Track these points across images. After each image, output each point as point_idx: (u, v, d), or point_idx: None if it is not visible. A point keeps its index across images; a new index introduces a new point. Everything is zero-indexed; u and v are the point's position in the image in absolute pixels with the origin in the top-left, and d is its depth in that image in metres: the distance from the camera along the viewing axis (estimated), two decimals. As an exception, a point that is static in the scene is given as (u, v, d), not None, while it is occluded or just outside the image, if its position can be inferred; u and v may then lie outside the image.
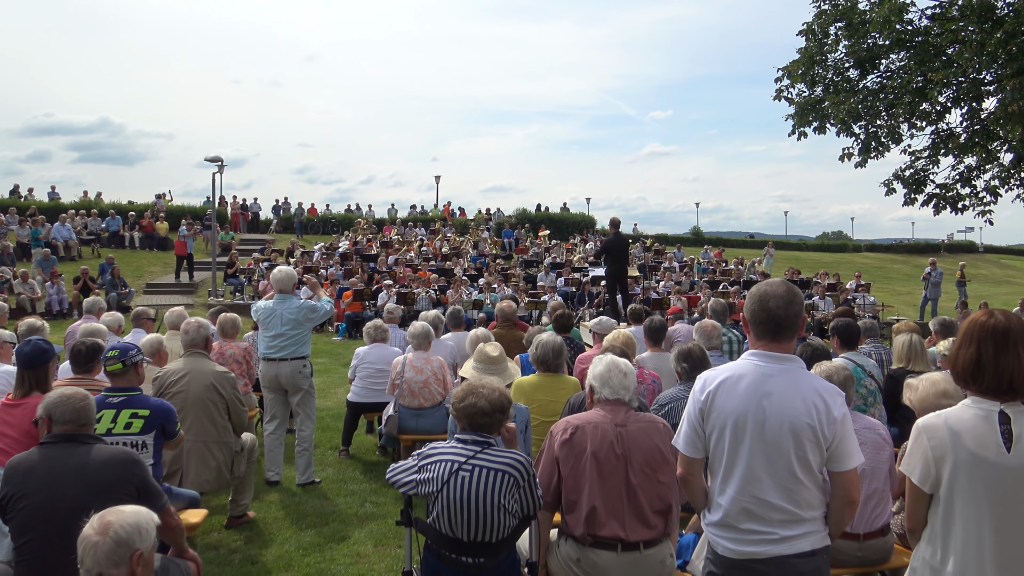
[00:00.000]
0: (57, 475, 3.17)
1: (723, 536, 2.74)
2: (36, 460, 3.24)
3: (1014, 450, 2.40)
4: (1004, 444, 2.41)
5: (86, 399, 3.40)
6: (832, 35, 13.75)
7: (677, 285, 21.92)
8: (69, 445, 3.28)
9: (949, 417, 2.52)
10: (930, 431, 2.53)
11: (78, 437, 3.31)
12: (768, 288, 2.77)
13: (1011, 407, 2.46)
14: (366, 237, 27.54)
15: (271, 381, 6.62)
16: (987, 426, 2.45)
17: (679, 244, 33.53)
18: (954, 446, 2.46)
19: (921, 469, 2.54)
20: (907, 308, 23.77)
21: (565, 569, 3.48)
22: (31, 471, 3.20)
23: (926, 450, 2.52)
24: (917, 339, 6.04)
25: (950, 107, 13.16)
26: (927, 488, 2.54)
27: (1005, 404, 2.46)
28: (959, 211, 13.53)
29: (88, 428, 3.38)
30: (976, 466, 2.43)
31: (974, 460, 2.44)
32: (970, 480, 2.44)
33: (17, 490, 3.17)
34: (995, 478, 2.42)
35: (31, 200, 28.32)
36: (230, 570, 4.90)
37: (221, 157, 21.42)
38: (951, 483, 2.48)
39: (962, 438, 2.46)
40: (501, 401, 3.36)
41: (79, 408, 3.34)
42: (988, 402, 2.49)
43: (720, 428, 2.72)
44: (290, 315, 6.52)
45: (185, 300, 19.65)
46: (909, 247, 51.29)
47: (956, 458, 2.46)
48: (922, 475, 2.54)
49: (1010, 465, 2.40)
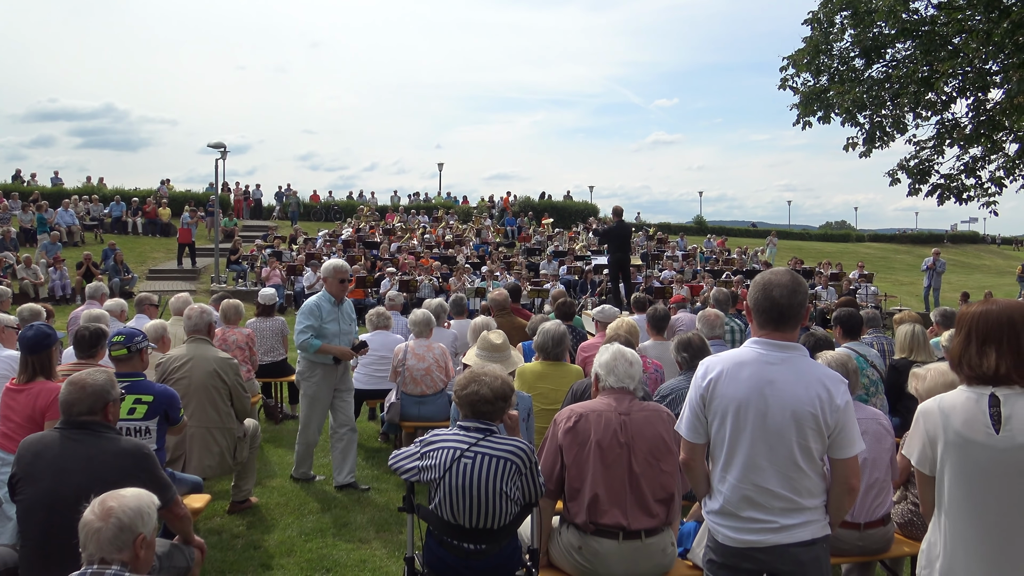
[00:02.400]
0: (66, 462, 3.17)
1: (723, 524, 2.74)
2: (46, 445, 3.24)
3: (1003, 431, 2.42)
4: (992, 425, 2.43)
5: (102, 386, 3.35)
6: (838, 24, 13.66)
7: (680, 274, 21.90)
8: (81, 433, 3.27)
9: (943, 400, 2.56)
10: (926, 415, 2.58)
11: (91, 425, 3.29)
12: (772, 277, 2.77)
13: (1002, 390, 2.48)
14: (369, 224, 27.52)
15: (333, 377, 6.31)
16: (976, 408, 2.47)
17: (682, 233, 33.48)
18: (944, 427, 2.50)
19: (918, 451, 2.59)
20: (910, 298, 23.74)
21: (566, 557, 3.50)
22: (40, 455, 3.20)
23: (923, 433, 2.57)
24: (920, 329, 6.04)
25: (956, 97, 13.09)
26: (925, 470, 2.58)
27: (997, 387, 2.48)
28: (963, 201, 13.47)
29: (101, 414, 3.33)
30: (964, 447, 2.47)
31: (962, 441, 2.47)
32: (959, 461, 2.48)
33: (26, 473, 3.19)
34: (983, 459, 2.44)
35: (34, 185, 28.31)
36: (232, 555, 4.93)
37: (224, 143, 21.47)
38: (943, 464, 2.52)
39: (951, 419, 2.49)
40: (504, 389, 3.37)
41: (94, 394, 3.31)
42: (982, 386, 2.51)
43: (722, 415, 2.71)
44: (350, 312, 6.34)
45: (188, 286, 19.64)
46: (912, 237, 51.25)
47: (946, 439, 2.50)
48: (919, 456, 2.58)
49: (998, 447, 2.42)
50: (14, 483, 3.22)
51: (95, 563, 2.43)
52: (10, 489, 3.25)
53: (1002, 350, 2.48)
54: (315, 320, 5.99)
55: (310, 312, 6.01)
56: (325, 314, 6.05)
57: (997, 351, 2.48)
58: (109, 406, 3.37)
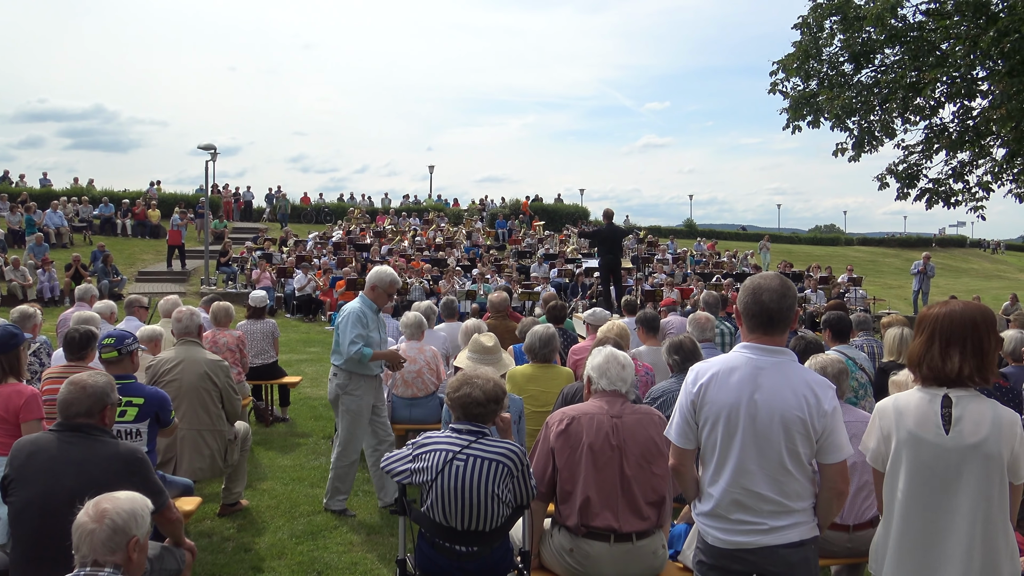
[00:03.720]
0: (58, 465, 3.16)
1: (713, 526, 2.76)
2: (40, 446, 3.23)
3: (952, 431, 2.51)
4: (943, 426, 2.53)
5: (102, 388, 3.35)
6: (827, 29, 13.77)
7: (670, 277, 21.98)
8: (76, 436, 3.25)
9: (898, 399, 2.66)
10: (881, 412, 2.68)
11: (86, 428, 3.28)
12: (761, 281, 2.79)
13: (956, 391, 2.56)
14: (359, 226, 27.50)
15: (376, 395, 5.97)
16: (929, 408, 2.57)
17: (672, 236, 33.57)
18: (897, 425, 2.60)
19: (873, 448, 2.69)
20: (899, 302, 23.87)
21: (558, 559, 3.51)
22: (33, 456, 3.19)
23: (877, 430, 2.67)
24: (908, 332, 6.08)
25: (944, 102, 13.22)
26: (879, 466, 2.69)
27: (951, 389, 2.56)
28: (952, 206, 13.60)
29: (98, 417, 3.32)
30: (914, 445, 2.56)
31: (912, 439, 2.56)
32: (909, 458, 2.57)
33: (18, 473, 3.18)
34: (931, 458, 2.53)
35: (22, 186, 28.13)
36: (223, 557, 4.91)
37: (214, 145, 21.41)
38: (894, 462, 2.61)
39: (904, 418, 2.59)
40: (495, 391, 3.38)
41: (93, 395, 3.30)
42: (937, 388, 2.60)
43: (713, 420, 2.73)
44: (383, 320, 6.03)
45: (177, 288, 19.57)
46: (901, 241, 51.52)
47: (898, 437, 2.59)
48: (873, 453, 2.69)
49: (947, 446, 2.52)
50: (6, 484, 3.21)
51: (88, 565, 2.43)
52: (3, 490, 3.24)
53: (965, 352, 2.55)
54: (363, 328, 5.60)
55: (358, 320, 5.59)
56: (369, 322, 5.71)
57: (961, 353, 2.55)
58: (107, 409, 3.36)
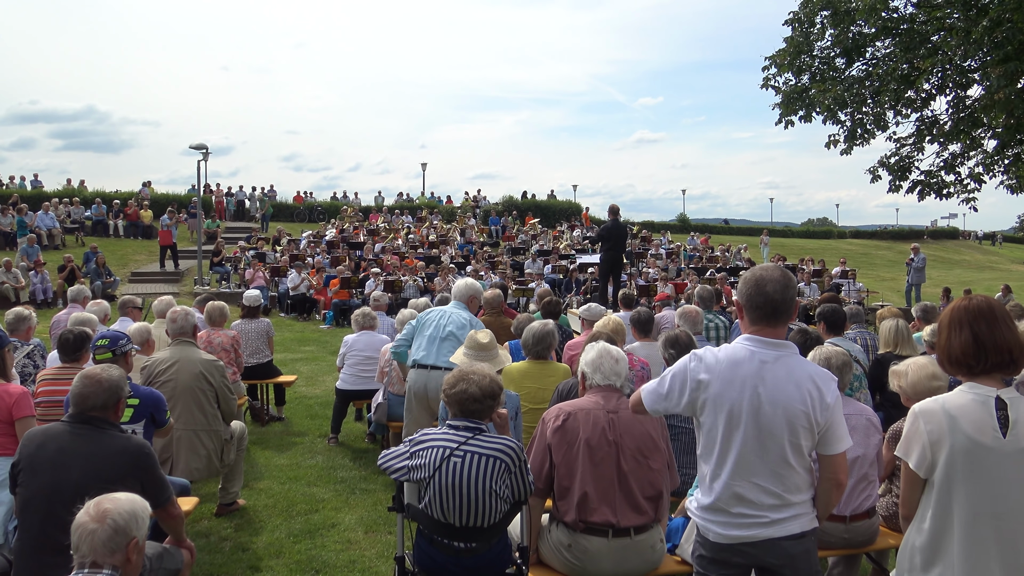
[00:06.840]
0: (66, 457, 3.20)
1: (713, 520, 2.74)
2: (51, 437, 3.27)
3: (1010, 435, 2.43)
4: (1000, 429, 2.43)
5: (116, 382, 3.39)
6: (818, 24, 13.79)
7: (664, 272, 22.00)
8: (86, 428, 3.29)
9: (947, 402, 2.53)
10: (927, 416, 2.53)
11: (98, 421, 3.32)
12: (764, 273, 2.76)
13: (1007, 393, 2.48)
14: (353, 225, 27.44)
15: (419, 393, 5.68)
16: (984, 411, 2.46)
17: (666, 231, 33.60)
18: (951, 431, 2.47)
19: (918, 454, 2.54)
20: (891, 294, 23.95)
21: (556, 554, 3.51)
22: (43, 447, 3.23)
23: (923, 435, 2.52)
24: (903, 324, 6.11)
25: (935, 94, 13.26)
26: (922, 473, 2.55)
27: (1001, 390, 2.49)
28: (944, 197, 13.65)
29: (112, 411, 3.37)
30: (973, 451, 2.45)
31: (971, 445, 2.45)
32: (968, 465, 2.45)
33: (27, 463, 3.22)
34: (992, 463, 2.44)
35: (13, 188, 27.99)
36: (221, 557, 4.91)
37: (206, 145, 21.29)
38: (948, 468, 2.48)
39: (959, 423, 2.47)
40: (492, 387, 3.37)
41: (109, 389, 3.34)
42: (985, 388, 2.50)
43: (715, 414, 2.70)
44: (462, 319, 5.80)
45: (171, 288, 19.51)
46: (893, 233, 51.75)
47: (953, 443, 2.47)
48: (918, 460, 2.54)
49: (1006, 450, 2.43)
50: (15, 472, 3.26)
51: (86, 566, 2.42)
52: (12, 479, 3.28)
53: (1008, 335, 2.51)
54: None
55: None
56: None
57: (1008, 336, 2.51)
58: (120, 403, 3.42)
